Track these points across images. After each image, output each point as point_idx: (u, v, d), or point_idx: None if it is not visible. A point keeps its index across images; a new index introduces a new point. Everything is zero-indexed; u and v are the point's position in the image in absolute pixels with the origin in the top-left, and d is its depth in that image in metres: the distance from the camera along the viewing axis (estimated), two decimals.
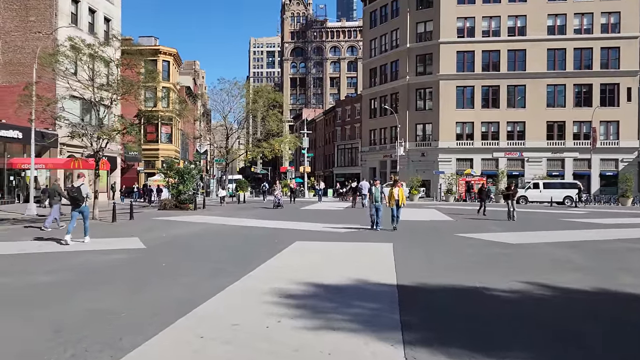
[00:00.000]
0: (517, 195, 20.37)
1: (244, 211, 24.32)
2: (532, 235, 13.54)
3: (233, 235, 13.41)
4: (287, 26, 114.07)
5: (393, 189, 14.52)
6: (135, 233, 13.80)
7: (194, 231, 14.50)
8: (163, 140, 52.62)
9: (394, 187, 14.57)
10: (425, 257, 9.60)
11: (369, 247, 10.91)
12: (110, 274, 7.74)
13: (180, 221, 18.12)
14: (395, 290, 6.44)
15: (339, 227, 15.97)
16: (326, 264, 8.68)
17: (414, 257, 9.49)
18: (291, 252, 10.08)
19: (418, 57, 50.58)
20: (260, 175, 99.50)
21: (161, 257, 9.38)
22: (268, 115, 31.35)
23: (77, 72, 18.07)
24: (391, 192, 14.40)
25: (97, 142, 17.73)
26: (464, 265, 8.57)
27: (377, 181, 15.22)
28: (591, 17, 45.94)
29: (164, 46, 52.57)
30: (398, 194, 14.34)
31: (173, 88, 26.48)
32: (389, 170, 52.88)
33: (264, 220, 18.49)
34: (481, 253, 10.06)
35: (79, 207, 11.70)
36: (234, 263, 8.71)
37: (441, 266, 8.52)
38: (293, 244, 11.31)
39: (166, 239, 12.58)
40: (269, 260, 8.96)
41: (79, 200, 11.63)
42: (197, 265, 8.47)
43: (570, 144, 46.31)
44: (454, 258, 9.43)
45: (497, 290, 6.46)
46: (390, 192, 14.42)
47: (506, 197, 18.95)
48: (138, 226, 15.97)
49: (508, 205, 18.62)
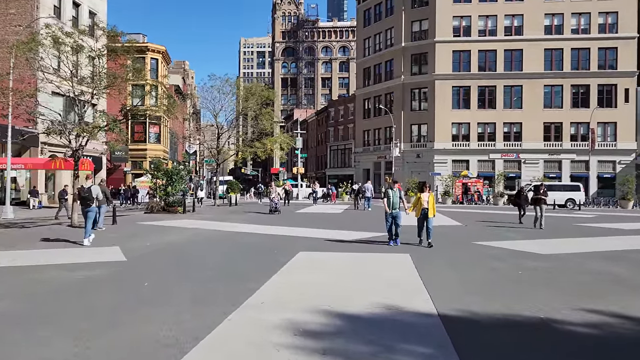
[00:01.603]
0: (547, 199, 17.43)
1: (237, 215, 22.88)
2: (556, 244, 12.32)
3: (226, 244, 11.99)
4: (278, 26, 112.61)
5: (421, 194, 11.35)
6: (116, 241, 12.32)
7: (182, 239, 13.05)
8: (152, 140, 50.85)
9: (421, 192, 11.39)
10: (453, 271, 8.31)
11: (385, 260, 9.57)
12: (71, 301, 6.18)
13: (168, 226, 16.64)
14: (440, 323, 5.11)
15: (343, 233, 14.64)
16: (341, 282, 7.33)
17: (439, 272, 8.18)
18: (296, 266, 8.71)
19: (413, 57, 49.52)
20: (251, 176, 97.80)
21: (142, 274, 7.95)
22: (261, 113, 29.91)
23: (55, 64, 16.51)
24: (418, 198, 11.32)
25: (76, 140, 16.18)
26: (504, 284, 7.29)
27: (398, 183, 11.98)
28: (588, 17, 45.28)
29: (152, 43, 50.83)
30: (428, 200, 11.19)
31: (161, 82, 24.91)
32: (383, 171, 51.77)
33: (259, 226, 17.08)
34: (515, 267, 8.79)
35: (88, 208, 11.85)
36: (229, 282, 7.32)
37: (477, 284, 7.22)
38: (296, 255, 9.94)
39: (150, 248, 11.12)
40: (272, 277, 7.59)
41: (89, 201, 11.84)
42: (184, 286, 7.05)
43: (568, 146, 45.56)
44: (486, 273, 8.15)
45: (568, 323, 5.17)
46: (417, 198, 11.35)
47: (535, 201, 16.58)
48: (121, 232, 14.46)
49: (536, 212, 16.58)
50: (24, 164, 29.36)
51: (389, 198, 11.55)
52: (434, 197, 11.95)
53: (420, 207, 11.22)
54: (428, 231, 11.27)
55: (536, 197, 16.52)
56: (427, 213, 11.13)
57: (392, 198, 11.48)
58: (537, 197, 16.45)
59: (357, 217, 22.65)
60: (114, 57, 17.23)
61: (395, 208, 11.46)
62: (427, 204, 11.19)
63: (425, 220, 11.20)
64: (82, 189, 12.18)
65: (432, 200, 11.24)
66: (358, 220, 20.23)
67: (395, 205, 11.45)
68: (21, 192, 32.36)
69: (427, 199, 11.21)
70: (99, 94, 16.27)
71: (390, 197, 11.51)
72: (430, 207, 11.14)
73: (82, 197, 11.87)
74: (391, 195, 11.52)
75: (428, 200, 11.21)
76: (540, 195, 16.39)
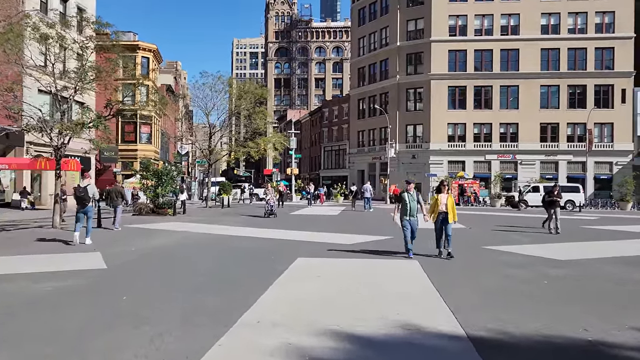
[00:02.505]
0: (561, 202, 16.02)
1: (229, 217, 21.96)
2: (570, 249, 11.58)
3: (217, 250, 11.10)
4: (271, 26, 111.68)
5: (439, 195, 9.86)
6: (99, 245, 11.40)
7: (170, 243, 12.15)
8: (143, 140, 49.75)
9: (439, 194, 9.91)
10: (470, 281, 7.50)
11: (392, 267, 8.74)
12: (38, 319, 5.32)
13: (156, 229, 15.71)
14: (472, 348, 4.30)
15: (343, 236, 13.81)
16: (347, 294, 6.50)
17: (455, 282, 7.38)
18: (295, 275, 7.86)
19: (408, 56, 48.92)
20: (244, 177, 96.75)
21: (123, 285, 7.06)
22: (254, 112, 28.99)
23: (36, 57, 15.53)
24: (436, 201, 9.82)
25: (58, 138, 15.21)
26: (533, 296, 6.49)
27: (411, 185, 10.02)
28: (585, 16, 44.94)
29: (143, 42, 49.72)
30: (447, 204, 9.69)
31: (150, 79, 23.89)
32: (378, 172, 51.08)
33: (253, 229, 16.21)
34: (537, 275, 8.00)
35: (84, 207, 11.67)
36: (220, 295, 6.46)
37: (502, 297, 6.42)
38: (294, 261, 9.10)
39: (135, 254, 10.21)
40: (268, 289, 6.74)
41: (85, 200, 11.65)
42: (169, 300, 6.19)
43: (564, 147, 45.14)
44: (508, 282, 7.35)
45: (622, 347, 4.39)
46: (435, 201, 9.85)
47: (550, 204, 15.21)
48: (104, 236, 13.52)
49: (549, 214, 15.23)
50: (8, 164, 28.21)
51: (405, 204, 9.75)
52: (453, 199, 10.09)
53: (439, 210, 9.75)
54: (447, 239, 9.82)
55: (550, 199, 15.30)
56: (447, 218, 9.67)
57: (409, 203, 9.69)
58: (552, 199, 15.22)
59: (356, 218, 21.85)
60: (99, 51, 16.30)
61: (413, 215, 9.76)
62: (445, 207, 9.69)
63: (444, 226, 9.74)
64: (77, 188, 11.88)
65: (451, 203, 9.76)
66: (357, 223, 19.43)
67: (412, 211, 9.72)
68: (6, 193, 31.26)
69: (446, 201, 9.72)
70: (83, 89, 15.28)
71: (407, 202, 9.71)
72: (450, 210, 9.67)
73: (77, 197, 11.65)
74: (407, 200, 9.71)
75: (447, 203, 9.70)
76: (554, 197, 15.23)
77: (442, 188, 10.01)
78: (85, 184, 11.92)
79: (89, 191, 11.67)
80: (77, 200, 11.76)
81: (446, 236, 9.81)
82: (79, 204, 11.73)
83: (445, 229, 9.75)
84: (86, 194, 11.61)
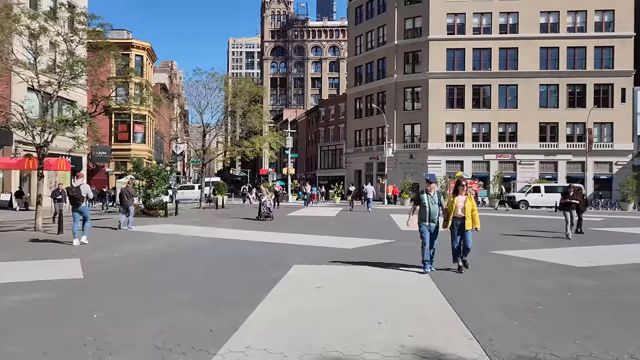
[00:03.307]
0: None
1: (223, 219, 21.17)
2: (585, 254, 10.87)
3: (206, 256, 10.33)
4: (267, 25, 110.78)
5: (455, 197, 8.26)
6: (81, 251, 10.62)
7: (156, 248, 11.35)
8: (137, 140, 48.93)
9: (456, 196, 8.30)
10: (485, 293, 6.76)
11: (398, 277, 7.94)
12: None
13: (145, 232, 14.92)
14: None
15: (343, 240, 13.07)
16: (350, 310, 5.74)
17: (468, 294, 6.65)
18: (291, 287, 7.10)
19: (406, 55, 48.24)
20: (239, 177, 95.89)
21: (97, 299, 6.28)
22: (250, 110, 28.17)
23: (17, 50, 14.71)
24: (451, 203, 8.22)
25: (40, 136, 14.39)
26: (560, 312, 5.77)
27: (432, 184, 8.44)
28: (584, 15, 44.41)
29: (137, 40, 48.86)
30: (464, 206, 8.09)
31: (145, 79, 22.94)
32: (376, 172, 50.39)
33: (247, 232, 15.44)
34: (557, 285, 7.28)
35: (78, 207, 11.60)
36: (204, 311, 5.68)
37: (524, 313, 5.68)
38: (290, 269, 8.34)
39: (118, 261, 9.42)
40: (260, 304, 5.97)
41: (78, 200, 11.58)
42: (147, 318, 5.41)
43: (564, 146, 44.59)
44: (528, 295, 6.60)
45: None
46: (451, 203, 8.24)
47: (566, 206, 13.86)
48: (89, 240, 12.71)
49: (566, 218, 13.76)
50: None
51: (423, 206, 8.13)
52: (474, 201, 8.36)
53: (457, 216, 8.13)
54: (467, 247, 8.15)
55: (566, 200, 14.09)
56: (464, 225, 7.98)
57: (428, 207, 8.08)
58: (569, 201, 14.02)
59: (354, 220, 21.11)
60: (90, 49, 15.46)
61: (434, 220, 8.10)
62: (462, 212, 8.02)
63: (462, 235, 8.07)
64: (70, 188, 11.94)
65: (471, 207, 8.02)
66: (356, 225, 18.68)
67: (433, 216, 8.08)
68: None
69: (464, 204, 8.05)
70: (68, 85, 14.46)
71: (426, 204, 8.09)
72: (469, 215, 7.96)
73: (70, 197, 11.72)
74: (427, 203, 8.10)
75: (464, 207, 8.02)
76: (572, 198, 14.01)
77: (460, 189, 8.34)
78: (78, 183, 11.93)
79: (82, 191, 11.64)
80: (70, 200, 11.85)
81: (464, 249, 8.17)
82: (72, 203, 11.78)
83: (463, 239, 8.07)
84: (79, 194, 11.59)
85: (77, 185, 11.86)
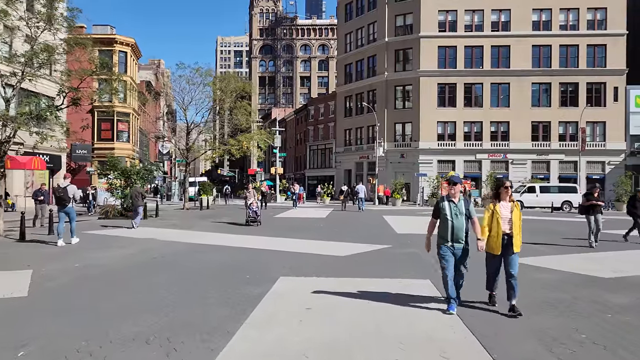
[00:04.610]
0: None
1: (206, 221, 19.91)
2: (604, 261, 9.89)
3: (181, 266, 9.12)
4: (255, 23, 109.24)
5: (497, 205, 5.78)
6: (37, 259, 9.35)
7: (126, 255, 10.11)
8: (122, 138, 47.34)
9: (498, 202, 5.81)
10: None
11: (403, 293, 6.78)
12: None
13: (117, 236, 13.63)
14: None
15: (335, 245, 11.95)
16: (347, 346, 4.60)
17: (493, 316, 5.57)
18: (276, 307, 5.94)
19: (397, 52, 47.34)
20: (227, 177, 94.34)
21: (32, 327, 5.05)
22: (236, 107, 26.88)
23: None
24: (492, 214, 5.75)
25: (1, 131, 13.03)
26: (607, 342, 4.71)
27: (456, 186, 5.83)
28: (577, 12, 43.91)
29: (120, 35, 47.16)
30: (511, 217, 5.67)
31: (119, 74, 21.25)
32: (366, 172, 49.41)
33: (230, 235, 14.24)
34: (593, 303, 6.24)
35: (64, 208, 11.55)
36: (163, 348, 4.50)
37: (564, 341, 4.61)
38: (276, 283, 7.19)
39: (75, 273, 8.16)
40: (236, 334, 4.80)
41: (64, 201, 11.52)
42: (88, 354, 4.23)
43: (556, 146, 44.04)
44: (561, 317, 5.53)
45: None
46: (491, 214, 5.75)
47: (590, 209, 12.17)
48: (50, 247, 11.42)
49: (589, 223, 12.08)
50: None
51: (444, 219, 5.71)
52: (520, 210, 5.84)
53: (498, 233, 5.60)
54: (510, 281, 5.62)
55: (590, 203, 12.21)
56: (511, 244, 5.56)
57: (451, 220, 5.65)
58: (594, 204, 12.18)
59: (346, 222, 20.02)
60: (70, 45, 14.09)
61: (460, 239, 5.65)
62: (509, 226, 5.60)
63: (505, 258, 5.66)
64: (57, 188, 11.84)
65: (519, 218, 5.65)
66: (348, 227, 17.57)
67: (458, 233, 5.64)
68: None
69: (510, 214, 5.63)
70: (33, 76, 13.11)
71: (448, 216, 5.67)
72: (517, 231, 5.59)
73: (57, 197, 11.57)
74: (448, 214, 5.68)
75: (512, 218, 5.61)
76: (597, 200, 12.35)
77: (503, 192, 5.73)
78: (65, 184, 11.80)
79: (69, 191, 11.53)
80: (56, 200, 11.71)
81: (508, 276, 5.62)
82: (59, 204, 11.64)
83: (507, 264, 5.63)
84: (65, 194, 11.48)
85: (64, 185, 11.71)
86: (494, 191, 6.05)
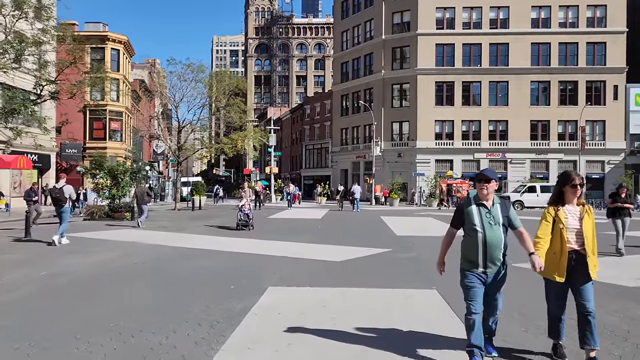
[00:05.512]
0: None
1: (196, 222, 19.06)
2: (621, 266, 9.17)
3: (163, 272, 8.28)
4: (251, 21, 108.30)
5: (560, 210, 4.04)
6: (3, 267, 8.50)
7: (103, 261, 9.26)
8: (114, 138, 46.33)
9: (562, 205, 4.07)
10: (524, 325, 4.91)
11: (408, 304, 6.05)
12: None
13: (98, 239, 12.77)
14: None
15: (331, 249, 11.15)
16: None
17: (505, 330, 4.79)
18: (261, 326, 5.11)
19: (394, 50, 46.62)
20: (223, 177, 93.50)
21: None
22: (229, 104, 26.03)
23: None
24: (552, 222, 4.04)
25: None
26: None
27: (490, 184, 3.94)
28: (576, 10, 43.30)
29: (113, 32, 46.09)
30: (580, 227, 3.98)
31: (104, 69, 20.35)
32: (363, 171, 48.66)
33: (219, 238, 13.41)
34: (622, 319, 5.49)
35: (61, 208, 11.57)
36: None
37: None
38: (263, 294, 6.37)
39: (38, 281, 7.30)
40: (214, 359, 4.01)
41: (61, 201, 11.55)
42: None
43: (555, 145, 43.44)
44: (602, 339, 4.77)
45: None
46: (552, 222, 4.04)
47: (618, 212, 10.89)
48: (23, 251, 10.55)
49: (616, 227, 10.79)
50: None
51: (472, 230, 3.96)
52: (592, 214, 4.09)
53: (562, 250, 3.96)
54: (587, 320, 3.94)
55: (617, 205, 10.91)
56: (583, 266, 3.93)
57: (482, 231, 3.92)
58: (622, 205, 10.91)
59: (343, 223, 19.22)
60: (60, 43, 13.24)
61: (496, 260, 3.95)
62: (578, 240, 3.99)
63: (575, 286, 4.00)
64: (53, 189, 11.86)
65: (592, 228, 4.00)
66: (346, 229, 16.77)
67: (493, 250, 3.92)
68: None
69: (579, 222, 4.01)
70: (6, 67, 12.24)
71: (477, 227, 3.94)
72: (589, 246, 3.95)
73: (53, 198, 11.67)
74: (477, 223, 3.95)
75: (581, 229, 3.99)
76: (625, 202, 11.07)
77: (570, 193, 4.08)
78: (60, 184, 11.75)
79: (65, 192, 11.52)
80: (52, 201, 11.77)
81: (581, 314, 4.00)
82: (55, 205, 11.67)
83: (579, 295, 3.98)
84: (62, 195, 11.49)
85: (59, 186, 11.66)
86: (556, 189, 4.18)
